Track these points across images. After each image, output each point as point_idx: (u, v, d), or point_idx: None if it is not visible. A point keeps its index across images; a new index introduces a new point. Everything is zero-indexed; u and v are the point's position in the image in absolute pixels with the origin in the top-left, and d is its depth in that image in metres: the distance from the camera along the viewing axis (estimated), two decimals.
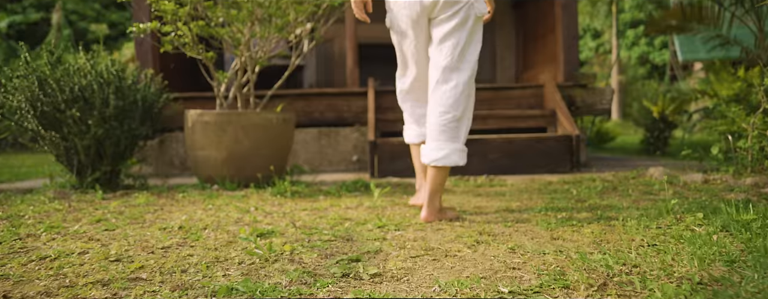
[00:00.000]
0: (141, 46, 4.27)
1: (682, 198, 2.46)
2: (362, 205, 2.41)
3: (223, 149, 2.89)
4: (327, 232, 1.77)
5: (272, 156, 2.99)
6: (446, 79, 1.98)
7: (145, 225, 1.96)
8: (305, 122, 4.36)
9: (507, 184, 3.19)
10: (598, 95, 4.34)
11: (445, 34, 1.99)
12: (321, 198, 2.67)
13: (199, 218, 2.07)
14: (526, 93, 4.38)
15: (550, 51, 4.68)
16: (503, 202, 2.46)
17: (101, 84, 2.86)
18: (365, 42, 5.89)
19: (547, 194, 2.67)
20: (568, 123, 3.85)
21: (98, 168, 2.94)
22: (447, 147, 1.95)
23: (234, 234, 1.76)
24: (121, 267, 1.38)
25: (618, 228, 1.77)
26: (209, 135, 2.89)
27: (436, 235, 1.74)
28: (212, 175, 2.94)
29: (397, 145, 3.71)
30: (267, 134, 2.94)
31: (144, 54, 4.26)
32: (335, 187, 2.95)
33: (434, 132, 1.98)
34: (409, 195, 2.76)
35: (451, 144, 1.96)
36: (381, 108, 4.31)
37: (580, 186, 2.93)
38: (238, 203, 2.45)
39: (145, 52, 4.25)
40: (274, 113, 2.98)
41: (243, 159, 2.91)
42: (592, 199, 2.44)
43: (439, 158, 1.95)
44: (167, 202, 2.55)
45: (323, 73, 5.85)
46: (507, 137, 3.71)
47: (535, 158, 3.71)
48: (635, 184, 3.00)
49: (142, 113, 3.07)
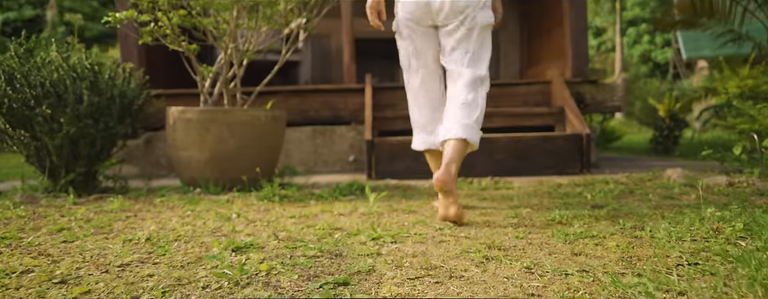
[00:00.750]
0: (126, 41, 4.04)
1: (706, 203, 2.24)
2: (356, 211, 2.18)
3: (207, 150, 2.66)
4: (313, 246, 1.54)
5: (260, 157, 2.76)
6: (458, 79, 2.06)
7: (109, 236, 1.73)
8: (299, 121, 4.13)
9: (514, 186, 2.96)
10: (608, 91, 4.11)
11: (455, 44, 2.07)
12: (312, 203, 2.45)
13: (172, 228, 1.85)
14: (532, 90, 4.15)
15: (557, 46, 4.45)
16: (511, 207, 2.24)
17: (74, 79, 2.64)
18: (363, 37, 5.66)
19: (558, 199, 2.45)
20: (578, 121, 3.62)
21: (73, 170, 2.71)
22: (462, 124, 1.98)
23: (207, 248, 1.53)
24: (63, 292, 1.15)
25: (646, 241, 1.55)
26: (191, 134, 2.66)
27: (438, 249, 1.51)
28: (195, 177, 2.71)
29: (395, 145, 3.48)
30: (254, 133, 2.72)
31: (129, 49, 4.03)
32: (328, 190, 2.72)
33: (450, 114, 2.02)
34: (407, 200, 2.54)
35: (466, 120, 1.99)
36: (379, 105, 4.08)
37: (593, 189, 2.70)
38: (220, 209, 2.23)
39: (130, 47, 4.03)
40: (263, 110, 2.76)
41: (228, 160, 2.68)
42: (610, 204, 2.21)
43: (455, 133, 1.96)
44: (143, 207, 2.33)
45: (319, 70, 5.63)
46: (513, 136, 3.48)
47: (543, 158, 3.48)
48: (653, 187, 2.77)
49: (121, 111, 2.84)
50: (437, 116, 2.17)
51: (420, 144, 2.25)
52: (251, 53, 2.77)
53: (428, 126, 2.20)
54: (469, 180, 3.10)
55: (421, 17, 2.06)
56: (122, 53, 4.04)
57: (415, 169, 3.47)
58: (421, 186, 3.04)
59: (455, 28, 2.04)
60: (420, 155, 3.48)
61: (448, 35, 2.07)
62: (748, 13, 5.47)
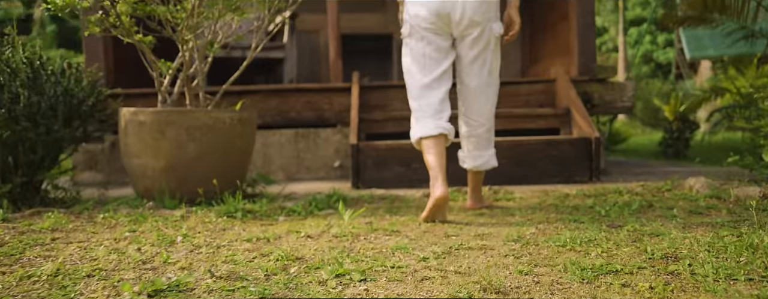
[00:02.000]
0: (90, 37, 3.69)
1: (738, 218, 1.89)
2: (329, 232, 1.84)
3: (162, 157, 2.31)
4: (256, 287, 1.19)
5: (226, 165, 2.42)
6: (479, 96, 2.22)
7: (8, 270, 1.39)
8: (280, 123, 3.79)
9: (515, 197, 2.62)
10: (617, 90, 3.76)
11: (475, 57, 2.17)
12: (280, 220, 2.10)
13: (94, 257, 1.50)
14: (535, 89, 3.81)
15: (562, 41, 4.10)
16: (513, 226, 1.89)
17: (10, 74, 2.29)
18: (351, 33, 5.32)
19: (567, 214, 2.10)
20: (586, 123, 3.27)
21: (10, 180, 2.37)
22: (486, 154, 2.29)
23: (117, 292, 1.19)
24: None
25: (687, 280, 1.20)
26: (145, 139, 2.31)
27: (418, 291, 1.17)
28: (150, 188, 2.37)
29: (384, 150, 3.14)
30: (218, 138, 2.37)
31: (93, 46, 3.68)
32: (303, 203, 2.38)
33: (473, 142, 2.28)
34: (392, 215, 2.19)
35: (488, 151, 2.30)
36: (367, 106, 3.74)
37: (605, 202, 2.35)
38: (167, 230, 1.88)
39: (94, 44, 3.68)
40: (229, 111, 2.41)
41: (187, 169, 2.33)
42: (629, 223, 1.87)
43: (480, 164, 2.28)
44: (79, 226, 1.98)
45: (308, 67, 5.29)
46: (514, 140, 3.13)
47: (548, 165, 3.13)
48: (674, 199, 2.43)
49: (68, 112, 2.49)
50: (444, 107, 2.17)
51: (429, 130, 2.11)
52: (217, 47, 2.43)
53: (436, 114, 2.15)
54: (464, 190, 2.76)
55: (441, 27, 2.11)
56: (86, 50, 3.70)
57: (405, 176, 3.13)
58: (410, 197, 2.69)
59: (475, 40, 2.12)
60: (411, 162, 3.13)
61: (467, 46, 2.16)
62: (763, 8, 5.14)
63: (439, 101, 2.14)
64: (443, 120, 2.12)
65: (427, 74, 2.14)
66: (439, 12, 2.06)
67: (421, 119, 2.16)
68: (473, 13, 2.06)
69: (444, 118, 2.13)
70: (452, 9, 2.05)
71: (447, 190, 1.96)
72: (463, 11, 2.05)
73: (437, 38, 2.12)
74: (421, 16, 2.08)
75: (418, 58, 2.15)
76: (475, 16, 2.06)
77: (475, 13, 2.06)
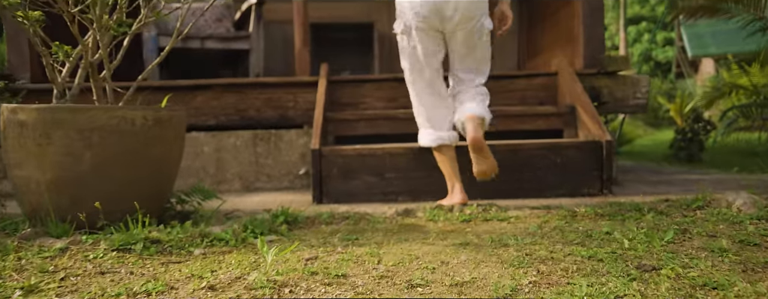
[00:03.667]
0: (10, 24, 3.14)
1: None
2: (245, 277, 1.30)
3: (48, 168, 1.77)
4: None
5: (136, 178, 1.87)
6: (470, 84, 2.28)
7: None
8: (237, 123, 3.25)
9: (509, 217, 2.08)
10: (630, 85, 3.23)
11: (466, 51, 2.21)
12: (195, 253, 1.57)
13: None
14: (533, 83, 3.27)
15: (565, 29, 3.57)
16: (505, 267, 1.36)
17: None
18: (328, 22, 4.79)
19: (578, 245, 1.57)
20: (594, 124, 2.74)
21: None
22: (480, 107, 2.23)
23: None
24: None
25: None
26: (27, 144, 1.77)
27: None
28: (37, 208, 1.82)
29: (352, 156, 2.60)
30: (126, 143, 1.83)
31: (14, 36, 3.13)
32: (238, 226, 1.84)
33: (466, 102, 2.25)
34: (351, 244, 1.65)
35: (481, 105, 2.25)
36: (337, 104, 3.20)
37: (626, 226, 1.82)
38: (19, 275, 1.34)
39: (16, 33, 3.13)
40: (142, 109, 1.87)
41: (81, 184, 1.79)
42: (667, 263, 1.34)
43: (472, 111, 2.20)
44: None
45: (281, 61, 4.74)
46: (510, 144, 2.60)
47: (550, 174, 2.60)
48: (711, 221, 1.89)
49: None
50: (443, 112, 2.29)
51: (429, 141, 2.30)
52: (115, 29, 1.88)
53: (436, 123, 2.29)
54: (446, 207, 2.21)
55: (434, 23, 2.12)
56: (7, 40, 3.14)
57: (377, 188, 2.59)
58: (379, 216, 2.15)
59: (467, 36, 2.15)
60: (384, 171, 2.59)
61: (458, 42, 2.19)
62: None
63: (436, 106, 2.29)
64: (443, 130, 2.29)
65: (419, 76, 2.24)
66: (432, 7, 2.09)
67: (421, 128, 2.35)
68: (465, 8, 2.09)
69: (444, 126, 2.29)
70: (445, 4, 2.08)
71: (465, 196, 2.24)
72: (456, 7, 2.08)
73: (428, 36, 2.16)
74: (414, 11, 2.11)
75: (410, 60, 2.22)
76: (467, 12, 2.10)
77: (467, 9, 2.10)
